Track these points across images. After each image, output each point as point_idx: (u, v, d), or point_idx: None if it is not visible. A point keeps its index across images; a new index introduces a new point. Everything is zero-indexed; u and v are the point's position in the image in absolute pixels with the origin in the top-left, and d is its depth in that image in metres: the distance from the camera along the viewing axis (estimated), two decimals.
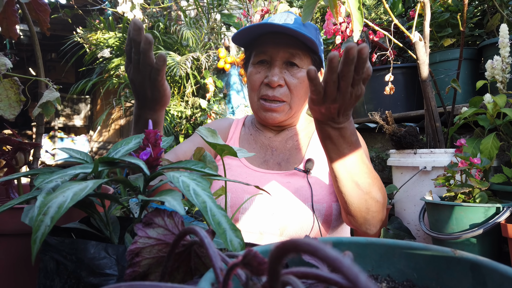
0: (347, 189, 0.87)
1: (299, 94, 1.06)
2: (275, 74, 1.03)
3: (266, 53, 1.05)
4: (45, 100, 0.75)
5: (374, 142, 2.77)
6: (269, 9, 3.11)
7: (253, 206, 1.03)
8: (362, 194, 0.87)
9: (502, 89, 1.63)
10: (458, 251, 0.37)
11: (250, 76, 1.09)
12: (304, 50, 1.05)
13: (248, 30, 1.04)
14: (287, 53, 1.03)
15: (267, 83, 1.05)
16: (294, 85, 1.04)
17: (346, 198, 0.88)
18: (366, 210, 0.89)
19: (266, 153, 1.14)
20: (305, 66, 1.06)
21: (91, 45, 4.00)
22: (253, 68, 1.09)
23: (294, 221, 1.00)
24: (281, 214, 1.00)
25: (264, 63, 1.07)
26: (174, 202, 0.42)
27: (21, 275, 0.59)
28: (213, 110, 3.83)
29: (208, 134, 0.62)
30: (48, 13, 0.87)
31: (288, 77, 1.04)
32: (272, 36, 1.05)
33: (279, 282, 0.23)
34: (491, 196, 1.43)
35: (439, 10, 2.33)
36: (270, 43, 1.05)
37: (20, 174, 0.60)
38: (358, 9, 1.10)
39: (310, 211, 1.00)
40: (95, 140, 7.01)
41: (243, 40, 1.12)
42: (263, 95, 1.06)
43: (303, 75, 1.05)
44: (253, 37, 1.10)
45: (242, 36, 1.08)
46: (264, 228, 1.01)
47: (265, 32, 1.06)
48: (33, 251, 0.37)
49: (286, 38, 1.03)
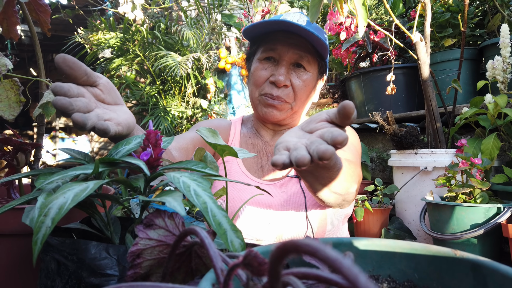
0: (324, 197, 0.80)
1: (302, 97, 1.05)
2: (282, 73, 1.01)
3: (275, 51, 1.03)
4: (46, 100, 0.75)
5: (375, 142, 2.77)
6: (270, 10, 3.11)
7: (250, 216, 1.03)
8: (339, 197, 0.82)
9: (503, 89, 1.63)
10: (459, 252, 0.37)
11: (255, 72, 1.06)
12: (313, 54, 1.04)
13: (262, 25, 1.01)
14: (296, 54, 1.02)
15: (273, 82, 1.03)
16: (299, 88, 1.03)
17: (324, 201, 0.83)
18: (343, 203, 0.86)
19: (262, 158, 1.13)
20: (311, 70, 1.05)
21: (92, 46, 4.01)
22: (259, 63, 1.06)
23: (290, 229, 1.00)
24: (277, 223, 1.01)
25: (271, 60, 1.05)
26: (175, 202, 0.42)
27: (22, 275, 0.59)
28: (214, 110, 3.84)
29: (209, 134, 0.62)
30: (48, 14, 0.87)
31: (294, 78, 1.03)
32: (284, 35, 1.03)
33: (279, 282, 0.23)
34: (492, 197, 1.43)
35: (440, 10, 2.32)
36: (281, 41, 1.03)
37: (21, 175, 0.60)
38: (363, 5, 1.10)
39: (304, 219, 1.00)
40: (96, 141, 7.02)
41: (253, 33, 1.09)
42: (267, 93, 1.04)
43: (308, 78, 1.04)
44: (264, 32, 1.07)
45: (254, 29, 1.05)
46: (261, 237, 1.01)
47: (277, 29, 1.04)
48: (34, 252, 0.37)
49: (298, 38, 1.01)
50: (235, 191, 1.06)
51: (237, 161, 1.13)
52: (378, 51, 2.51)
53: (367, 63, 2.96)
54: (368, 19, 1.18)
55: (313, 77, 1.06)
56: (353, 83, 2.89)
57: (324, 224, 1.01)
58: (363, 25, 1.09)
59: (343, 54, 2.60)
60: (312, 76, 1.05)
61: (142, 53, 3.86)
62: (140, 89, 4.01)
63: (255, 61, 1.08)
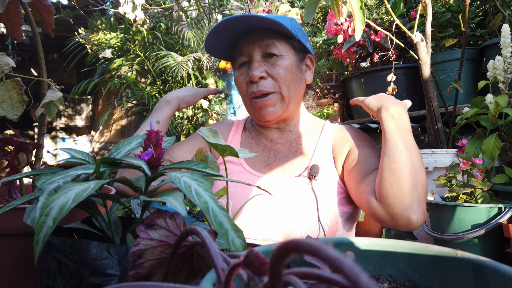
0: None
1: (285, 81, 1.03)
2: (254, 68, 1.01)
3: (243, 53, 1.05)
4: (48, 100, 0.75)
5: (376, 143, 2.76)
6: (270, 10, 3.11)
7: (257, 213, 1.01)
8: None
9: (504, 90, 1.62)
10: (460, 252, 0.37)
11: (236, 81, 1.09)
12: (280, 38, 1.03)
13: (217, 33, 1.03)
14: (262, 45, 1.02)
15: (249, 81, 1.03)
16: (277, 73, 1.02)
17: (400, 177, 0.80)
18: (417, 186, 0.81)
19: (269, 156, 1.12)
20: (284, 52, 1.03)
21: (93, 46, 4.01)
22: (237, 72, 1.08)
23: (299, 231, 0.97)
24: (286, 222, 0.98)
25: (246, 64, 1.06)
26: (176, 202, 0.42)
27: (23, 275, 0.59)
28: (214, 110, 3.84)
29: (210, 134, 0.62)
30: (52, 14, 0.87)
31: (269, 68, 1.02)
32: (246, 35, 1.04)
33: (280, 282, 0.23)
34: (493, 197, 1.43)
35: (440, 10, 2.32)
36: (244, 42, 1.04)
37: (22, 175, 0.60)
38: (360, 9, 1.10)
39: (316, 221, 0.97)
40: (97, 141, 7.03)
41: (222, 51, 1.12)
42: (251, 93, 1.04)
43: (284, 62, 1.03)
44: (230, 45, 1.10)
45: (216, 45, 1.08)
46: (268, 236, 0.99)
47: (236, 34, 1.06)
48: (35, 252, 0.37)
49: (258, 32, 1.03)
50: (240, 189, 1.05)
51: (240, 159, 1.12)
52: (378, 51, 2.51)
53: (367, 63, 2.95)
54: (368, 19, 1.19)
55: (289, 58, 1.04)
56: (353, 83, 2.89)
57: (335, 229, 0.99)
58: (360, 28, 1.09)
59: (343, 54, 2.60)
60: (287, 57, 1.04)
61: (142, 53, 3.87)
62: (140, 89, 4.01)
63: (235, 72, 1.10)
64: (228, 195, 1.05)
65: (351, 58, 2.69)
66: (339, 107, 3.20)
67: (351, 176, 0.99)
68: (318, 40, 3.06)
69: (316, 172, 1.02)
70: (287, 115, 1.10)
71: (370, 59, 2.78)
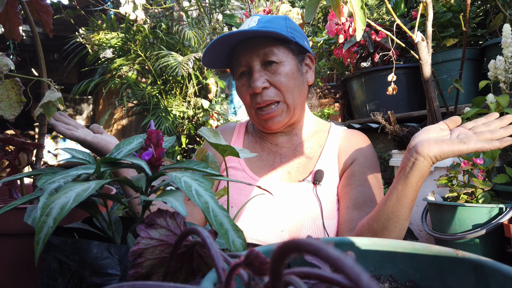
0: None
1: (288, 88, 1.02)
2: (255, 79, 1.00)
3: (242, 64, 1.03)
4: (47, 100, 0.75)
5: (376, 143, 2.76)
6: (271, 9, 3.11)
7: (261, 221, 1.00)
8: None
9: (505, 89, 1.62)
10: (461, 251, 0.37)
11: (238, 91, 1.07)
12: (277, 43, 1.02)
13: (213, 49, 1.03)
14: (260, 54, 1.01)
15: (252, 93, 1.02)
16: (279, 82, 1.01)
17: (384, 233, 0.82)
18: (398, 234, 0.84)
19: (274, 160, 1.11)
20: (284, 58, 1.02)
21: (94, 46, 4.01)
22: (238, 82, 1.07)
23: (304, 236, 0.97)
24: (291, 230, 0.98)
25: (245, 74, 1.05)
26: (176, 202, 0.42)
27: (24, 274, 0.59)
28: (215, 110, 3.83)
29: (211, 134, 0.62)
30: (50, 14, 0.87)
31: (270, 76, 1.01)
32: (242, 45, 1.03)
33: (281, 282, 0.23)
34: (494, 197, 1.43)
35: (441, 10, 2.32)
36: (242, 52, 1.03)
37: (23, 175, 0.60)
38: (361, 8, 1.09)
39: (321, 228, 0.97)
40: None
41: (219, 62, 1.11)
42: (256, 104, 1.03)
43: (285, 69, 1.01)
44: (227, 55, 1.09)
45: (213, 58, 1.07)
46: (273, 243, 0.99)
47: (234, 44, 1.05)
48: (36, 252, 0.37)
49: (254, 41, 1.01)
50: (243, 196, 1.04)
51: (241, 163, 1.11)
52: (379, 51, 2.50)
53: (368, 63, 2.95)
54: (369, 19, 1.19)
55: (289, 63, 1.03)
56: (354, 83, 2.89)
57: (340, 236, 1.00)
58: (361, 28, 1.08)
59: (344, 54, 2.60)
60: (287, 63, 1.03)
61: (143, 53, 3.87)
62: (141, 89, 4.02)
63: (236, 82, 1.09)
64: (230, 201, 1.04)
65: (352, 58, 2.69)
66: (339, 107, 3.20)
67: (342, 194, 1.01)
68: (319, 40, 3.06)
69: (321, 177, 1.02)
70: (293, 120, 1.09)
71: (371, 59, 2.78)
